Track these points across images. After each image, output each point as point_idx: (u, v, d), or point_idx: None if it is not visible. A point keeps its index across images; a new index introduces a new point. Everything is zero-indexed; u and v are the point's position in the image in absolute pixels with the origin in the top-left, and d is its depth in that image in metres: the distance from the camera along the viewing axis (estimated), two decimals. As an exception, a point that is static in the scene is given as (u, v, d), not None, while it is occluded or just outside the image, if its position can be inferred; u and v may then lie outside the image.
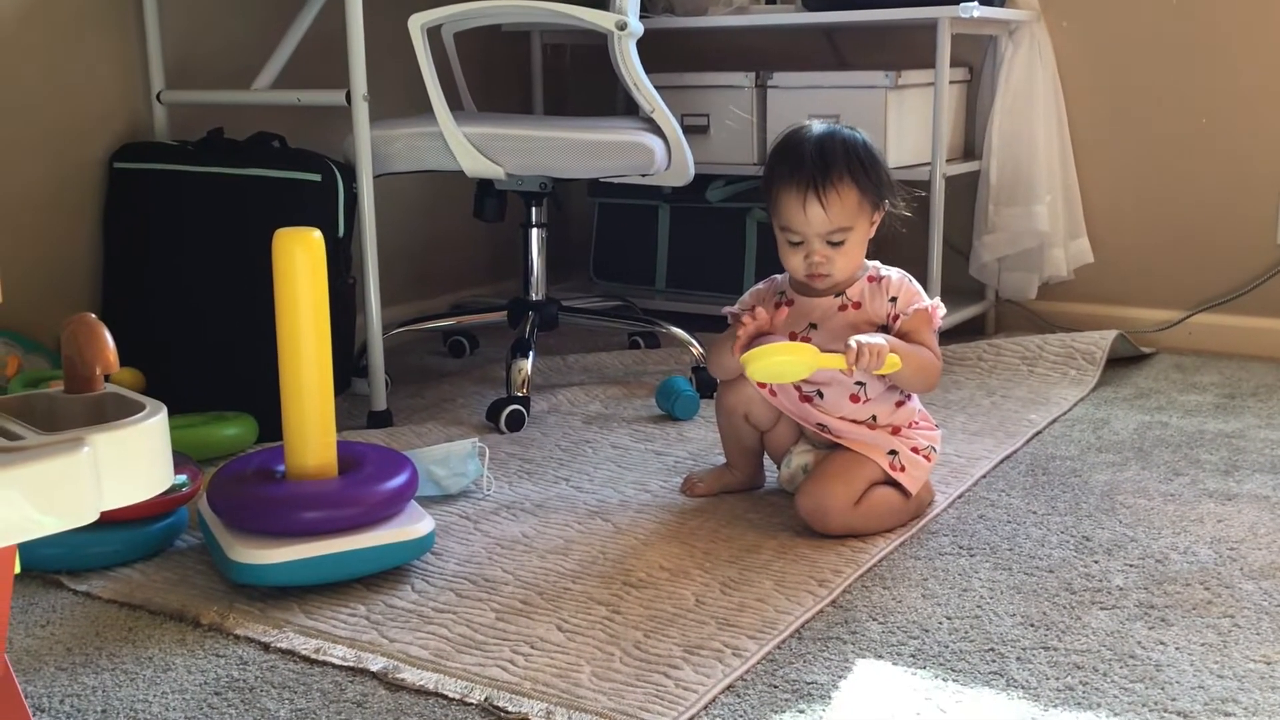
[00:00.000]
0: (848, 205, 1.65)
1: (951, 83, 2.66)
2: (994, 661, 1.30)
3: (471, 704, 1.23)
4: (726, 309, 1.77)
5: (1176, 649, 1.32)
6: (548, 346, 2.69)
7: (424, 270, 2.96)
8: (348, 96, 2.06)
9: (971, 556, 1.58)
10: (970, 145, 2.86)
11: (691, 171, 2.24)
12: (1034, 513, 1.73)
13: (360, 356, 2.21)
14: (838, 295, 1.71)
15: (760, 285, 1.80)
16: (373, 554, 1.48)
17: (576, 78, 3.27)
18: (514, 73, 3.14)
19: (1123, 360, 2.55)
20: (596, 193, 3.14)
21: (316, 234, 1.49)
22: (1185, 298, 2.69)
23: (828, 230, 1.65)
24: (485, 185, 2.28)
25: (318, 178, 2.09)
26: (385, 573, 1.52)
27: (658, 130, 2.20)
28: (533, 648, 1.34)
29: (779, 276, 1.78)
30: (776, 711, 1.21)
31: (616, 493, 1.83)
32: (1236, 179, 2.61)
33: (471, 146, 2.10)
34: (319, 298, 1.49)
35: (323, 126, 2.39)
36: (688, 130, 2.64)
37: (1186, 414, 2.19)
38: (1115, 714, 1.19)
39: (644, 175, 2.20)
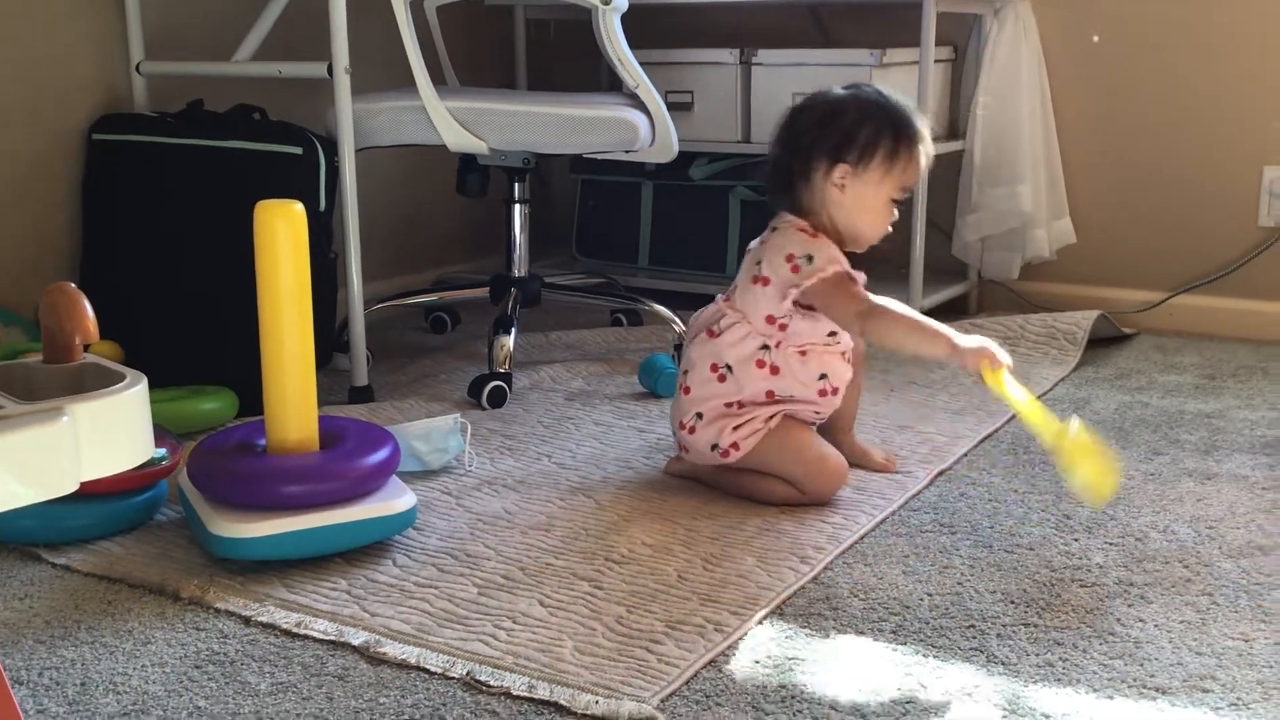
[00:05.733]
0: None
1: (936, 61, 2.65)
2: (974, 638, 1.31)
3: (453, 678, 1.23)
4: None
5: (1155, 626, 1.33)
6: (530, 323, 2.68)
7: (407, 246, 2.94)
8: (329, 69, 2.04)
9: (953, 534, 1.59)
10: (955, 125, 2.86)
11: (675, 148, 2.23)
12: (1015, 491, 1.74)
13: (342, 331, 2.20)
14: None
15: (828, 247, 1.67)
16: (354, 528, 1.47)
17: (561, 53, 3.25)
18: (498, 48, 3.12)
19: (1104, 341, 2.55)
20: (580, 169, 3.12)
21: (298, 206, 1.48)
22: (1167, 279, 2.70)
23: None
24: (468, 160, 2.27)
25: (299, 151, 2.07)
26: (367, 547, 1.52)
27: (642, 106, 2.19)
28: (515, 623, 1.34)
29: (814, 239, 1.67)
30: (758, 686, 1.21)
31: (599, 469, 1.83)
32: (1218, 161, 2.62)
33: (454, 120, 2.09)
34: (300, 271, 1.48)
35: (304, 99, 2.37)
36: (672, 107, 2.62)
37: (1167, 394, 2.20)
38: (1094, 690, 1.20)
39: (628, 151, 2.19)
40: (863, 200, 1.67)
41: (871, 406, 2.08)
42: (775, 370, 1.68)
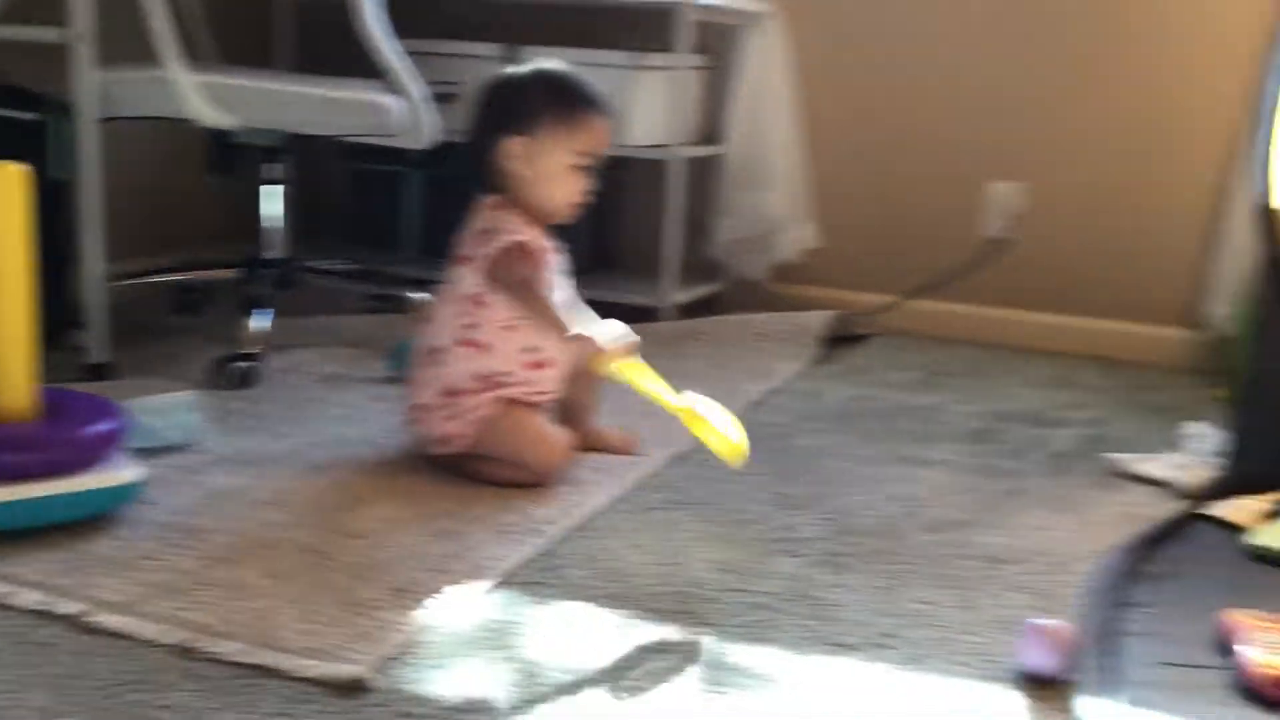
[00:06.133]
0: None
1: (694, 68, 2.77)
2: (685, 602, 1.39)
3: (166, 645, 1.22)
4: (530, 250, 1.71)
5: (850, 591, 1.44)
6: (290, 307, 2.64)
7: (160, 224, 2.85)
8: (67, 35, 1.97)
9: (679, 510, 1.67)
10: (714, 130, 2.98)
11: (433, 135, 2.25)
12: (740, 472, 1.83)
13: (80, 308, 2.13)
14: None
15: (515, 217, 1.72)
16: (74, 499, 1.44)
17: (326, 38, 3.21)
18: (257, 29, 3.07)
19: (842, 339, 2.71)
20: (347, 156, 3.10)
21: (20, 168, 1.43)
22: (900, 283, 2.89)
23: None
24: (220, 138, 2.23)
25: (34, 116, 2.00)
26: (89, 520, 1.48)
27: (399, 92, 2.20)
28: (236, 593, 1.34)
29: (510, 209, 1.73)
30: (477, 649, 1.25)
31: (342, 449, 1.84)
32: (946, 175, 2.82)
33: (202, 94, 2.05)
34: (22, 235, 1.43)
35: (49, 65, 2.27)
36: (438, 98, 2.65)
37: (892, 389, 2.36)
38: (787, 647, 1.29)
39: (384, 136, 2.20)
40: (543, 170, 1.72)
41: (616, 395, 2.15)
42: (482, 347, 1.72)
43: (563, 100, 1.72)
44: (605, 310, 2.69)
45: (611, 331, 1.65)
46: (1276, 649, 1.21)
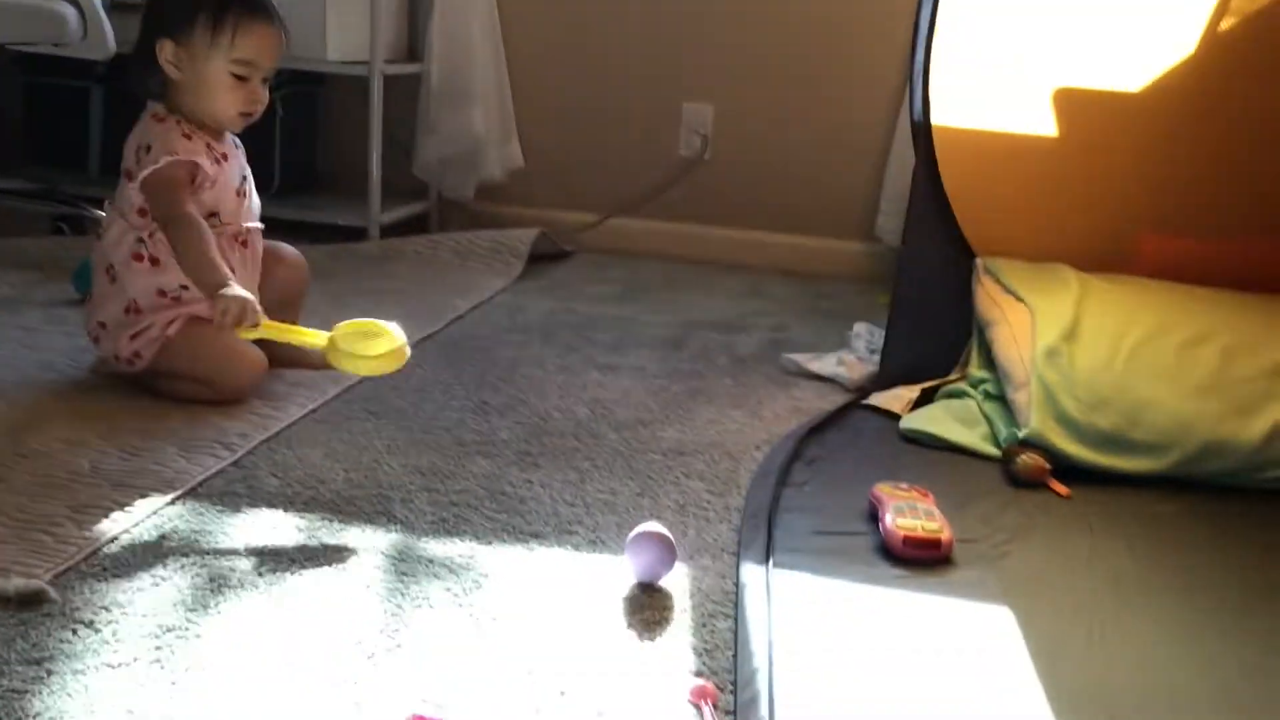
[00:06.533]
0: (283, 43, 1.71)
1: (392, -17, 2.74)
2: (380, 503, 1.42)
3: None
4: (163, 163, 1.62)
5: (540, 486, 1.51)
6: (-45, 230, 2.48)
7: None
8: None
9: (377, 420, 1.70)
10: (414, 48, 2.96)
11: (112, 45, 2.15)
12: (441, 382, 1.88)
13: None
14: (236, 146, 1.75)
15: (173, 130, 1.66)
16: None
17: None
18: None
19: (548, 257, 2.78)
20: (26, 70, 2.90)
21: None
22: (603, 203, 2.98)
23: (274, 65, 1.69)
24: None
25: None
26: None
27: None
28: (-103, 516, 1.28)
29: (172, 119, 1.67)
30: (160, 557, 1.25)
31: (16, 372, 1.76)
32: (648, 98, 2.91)
33: None
34: None
35: None
36: (118, 7, 2.51)
37: (591, 302, 2.45)
38: (478, 539, 1.35)
39: (57, 45, 2.08)
40: (201, 77, 1.66)
41: (321, 314, 2.14)
42: (155, 262, 1.68)
43: (220, 4, 1.64)
44: (312, 232, 2.68)
45: (243, 302, 1.54)
46: (908, 513, 1.36)
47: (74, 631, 1.10)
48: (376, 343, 1.53)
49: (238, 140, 1.78)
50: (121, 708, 0.99)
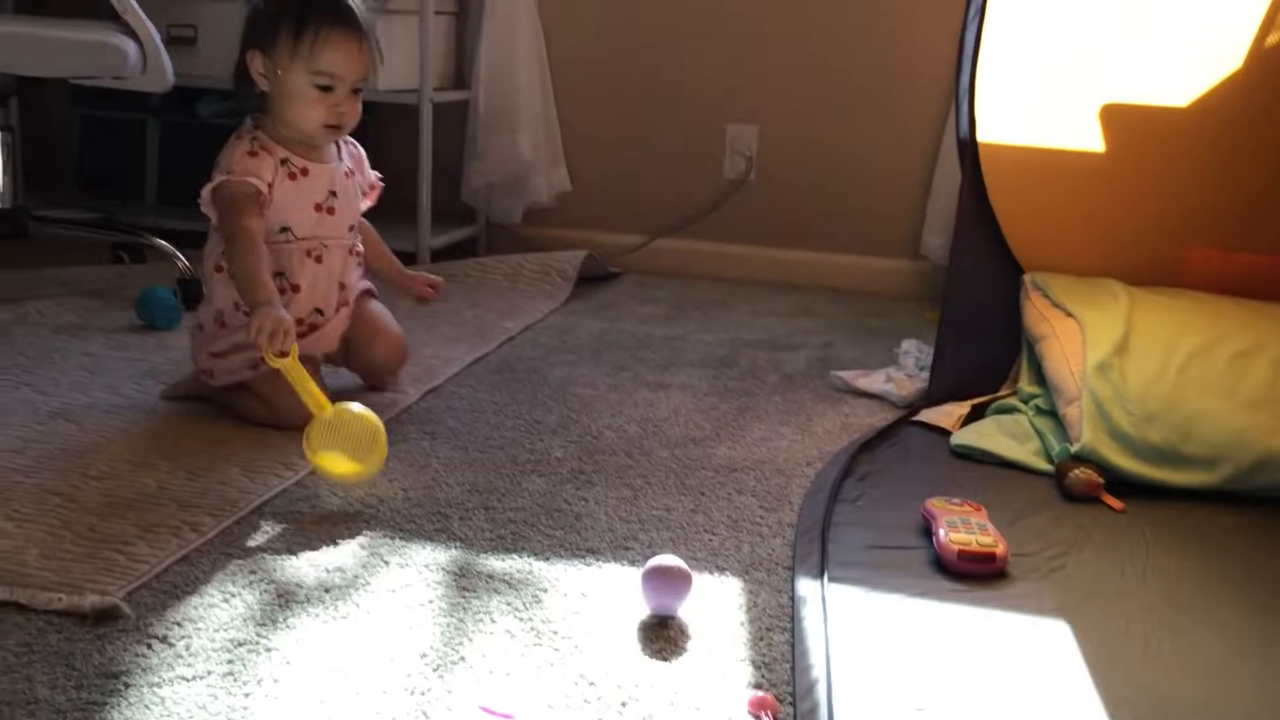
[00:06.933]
0: (371, 55, 1.71)
1: (439, 13, 2.79)
2: (439, 520, 1.45)
3: (-99, 590, 1.20)
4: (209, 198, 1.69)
5: (595, 503, 1.53)
6: (20, 259, 2.54)
7: None
8: None
9: (434, 440, 1.73)
10: (462, 75, 3.00)
11: (170, 78, 2.20)
12: (495, 403, 1.90)
13: None
14: (339, 160, 1.78)
15: (240, 148, 1.69)
16: None
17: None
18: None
19: (595, 279, 2.81)
20: (80, 104, 2.98)
21: None
22: (649, 224, 3.01)
23: (361, 77, 1.69)
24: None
25: None
26: None
27: (133, 34, 2.14)
28: (-24, 536, 1.32)
29: (248, 136, 1.71)
30: (231, 577, 1.28)
31: (84, 396, 1.80)
32: (693, 120, 2.94)
33: (-85, 33, 1.95)
34: None
35: None
36: (174, 41, 2.58)
37: (639, 322, 2.48)
38: (535, 555, 1.37)
39: (118, 79, 2.14)
40: (285, 89, 1.67)
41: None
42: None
43: (302, 15, 1.64)
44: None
45: (281, 325, 1.55)
46: (962, 528, 1.37)
47: (148, 646, 1.13)
48: (353, 455, 1.51)
49: (353, 151, 1.82)
50: (196, 719, 1.02)
